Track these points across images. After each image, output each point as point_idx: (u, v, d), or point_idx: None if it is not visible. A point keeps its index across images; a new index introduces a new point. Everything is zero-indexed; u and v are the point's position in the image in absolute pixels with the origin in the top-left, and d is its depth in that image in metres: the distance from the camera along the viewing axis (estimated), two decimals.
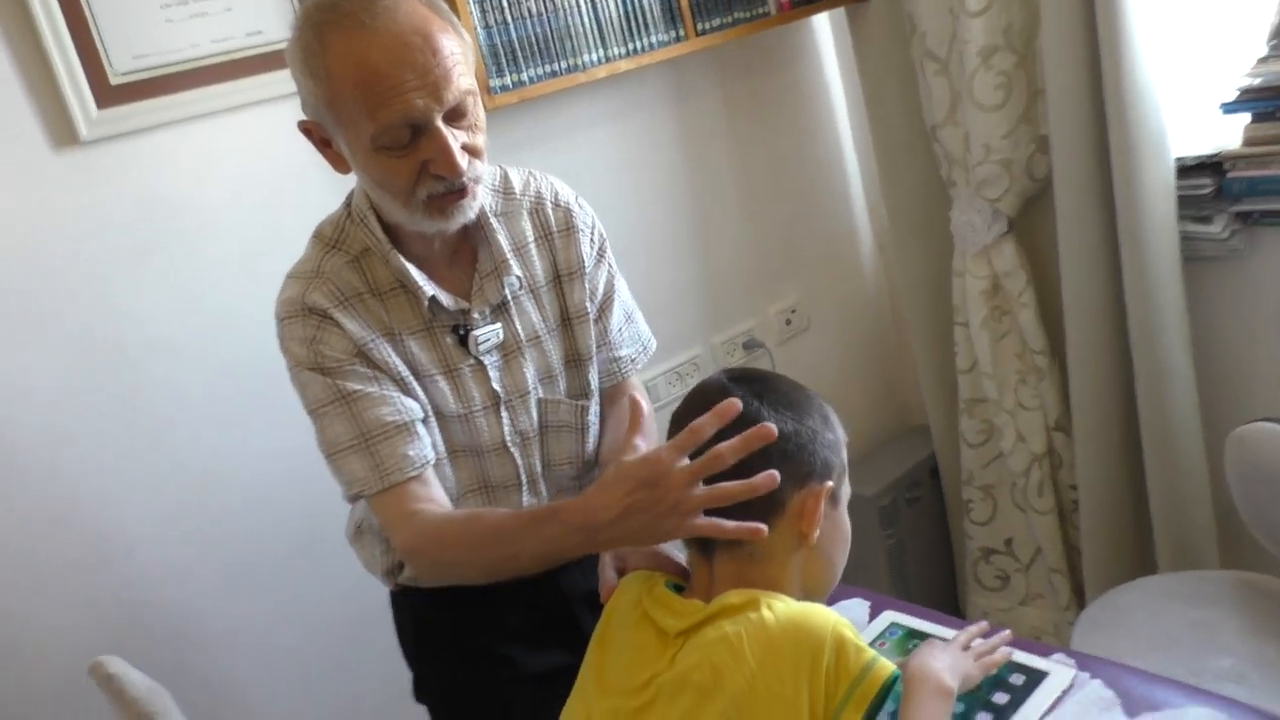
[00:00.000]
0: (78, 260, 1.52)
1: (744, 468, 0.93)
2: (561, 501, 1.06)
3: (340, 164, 1.15)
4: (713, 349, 2.32)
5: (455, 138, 1.08)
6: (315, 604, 1.76)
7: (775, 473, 0.92)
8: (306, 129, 1.14)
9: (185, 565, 1.64)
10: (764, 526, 0.93)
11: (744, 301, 2.37)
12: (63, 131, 1.48)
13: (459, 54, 1.07)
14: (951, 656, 1.04)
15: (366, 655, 1.78)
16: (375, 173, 1.10)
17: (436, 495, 1.17)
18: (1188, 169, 1.86)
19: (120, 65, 1.50)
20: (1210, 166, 1.85)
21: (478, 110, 1.11)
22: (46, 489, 1.52)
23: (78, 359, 1.53)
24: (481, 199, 1.17)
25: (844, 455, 1.04)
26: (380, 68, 1.03)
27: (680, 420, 1.01)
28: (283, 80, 1.62)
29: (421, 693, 1.40)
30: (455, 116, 1.08)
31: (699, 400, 1.00)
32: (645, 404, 1.38)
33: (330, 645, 1.79)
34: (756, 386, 1.00)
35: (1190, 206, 1.88)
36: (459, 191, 1.11)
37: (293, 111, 1.64)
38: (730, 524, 0.93)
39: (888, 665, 0.91)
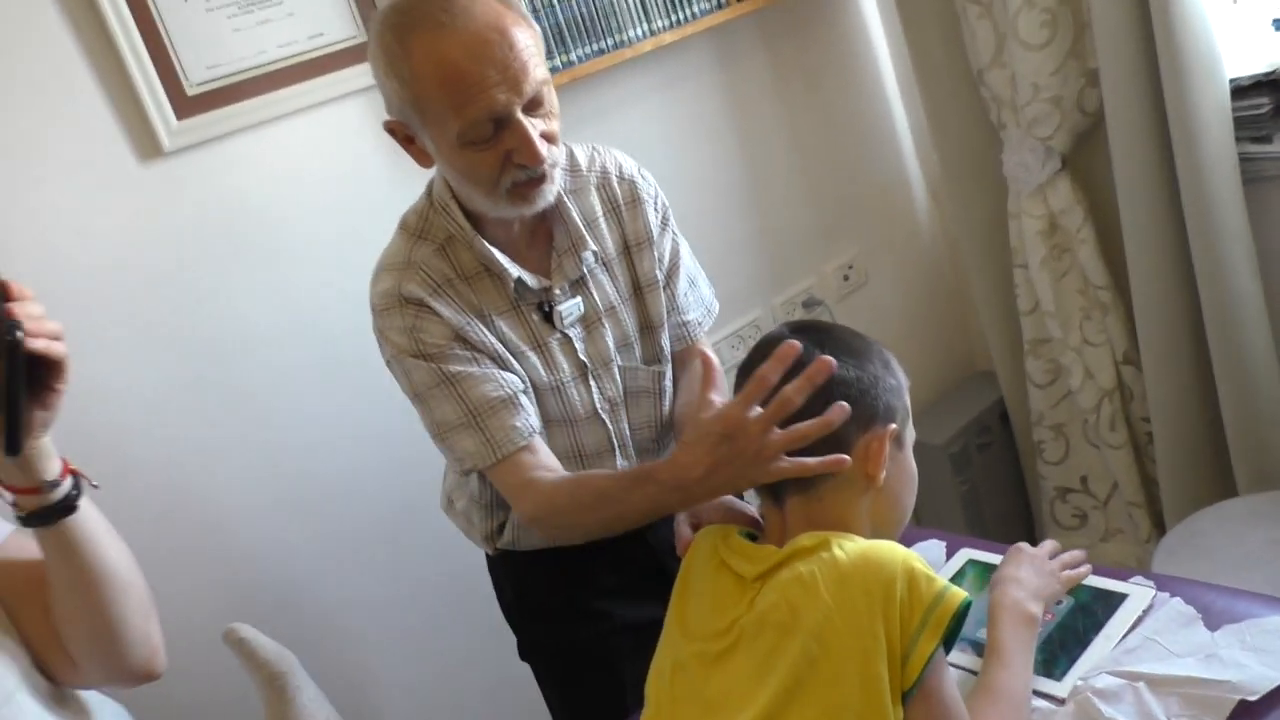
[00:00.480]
0: (171, 266, 1.60)
1: (812, 408, 0.97)
2: (654, 463, 1.12)
3: (424, 159, 1.21)
4: (773, 310, 2.36)
5: (534, 127, 1.13)
6: (416, 573, 1.84)
7: (845, 404, 0.96)
8: (391, 128, 1.20)
9: (291, 544, 1.73)
10: (846, 457, 0.97)
11: (801, 261, 2.40)
12: (147, 144, 1.57)
13: (532, 46, 1.12)
14: (1036, 577, 1.07)
15: (470, 617, 1.86)
16: (461, 166, 1.15)
17: (547, 461, 1.23)
18: (1243, 89, 1.84)
19: (195, 76, 1.58)
20: (1267, 84, 1.83)
21: (552, 97, 1.16)
22: (157, 485, 1.61)
23: (178, 360, 1.62)
24: (558, 182, 1.21)
25: (906, 400, 1.07)
26: (462, 66, 1.08)
27: (746, 371, 1.06)
28: (347, 78, 1.70)
29: (526, 651, 1.47)
30: (533, 106, 1.13)
31: (763, 351, 1.04)
32: (716, 362, 1.44)
33: (431, 612, 1.88)
34: (817, 336, 1.04)
35: (1248, 127, 1.86)
36: (539, 177, 1.16)
37: (358, 107, 1.74)
38: (814, 460, 0.97)
39: (959, 593, 0.93)
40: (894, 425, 1.03)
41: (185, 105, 1.58)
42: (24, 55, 1.47)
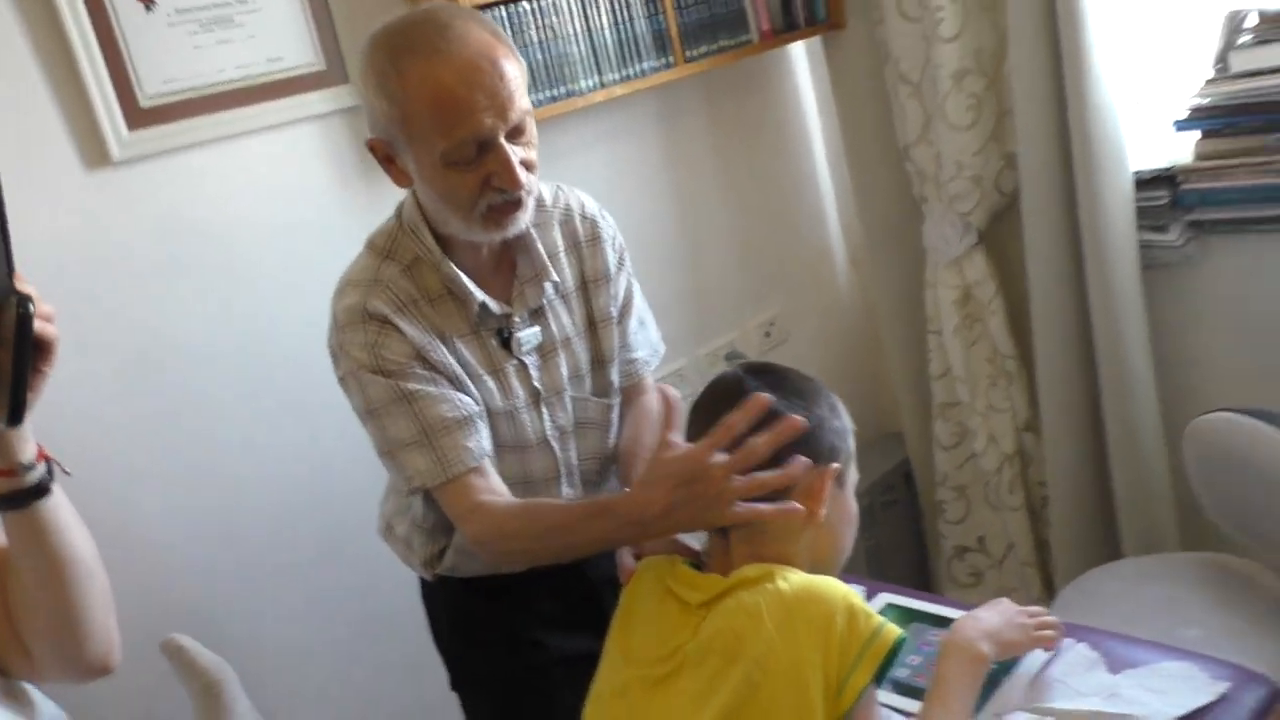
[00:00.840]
0: (110, 276, 1.58)
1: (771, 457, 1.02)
2: (611, 496, 1.15)
3: (402, 179, 1.24)
4: (696, 360, 2.42)
5: (515, 153, 1.17)
6: (342, 601, 1.82)
7: (805, 459, 1.02)
8: (373, 146, 1.23)
9: (218, 566, 1.70)
10: (800, 506, 1.02)
11: (726, 315, 2.48)
12: (95, 152, 1.55)
13: (519, 77, 1.18)
14: (998, 619, 1.12)
15: (393, 649, 1.84)
16: (441, 186, 1.19)
17: (496, 486, 1.25)
18: (1145, 182, 2.01)
19: (150, 89, 1.58)
20: (1165, 179, 2.00)
21: (533, 128, 1.21)
22: (78, 497, 1.57)
23: (113, 373, 1.59)
24: (531, 210, 1.26)
25: (850, 443, 1.13)
26: (455, 90, 1.12)
27: (700, 409, 1.10)
28: (303, 104, 1.72)
29: (458, 681, 1.48)
30: (515, 134, 1.18)
31: (719, 392, 1.09)
32: (678, 401, 1.49)
33: (352, 642, 1.85)
34: (770, 379, 1.09)
35: (1148, 217, 2.02)
36: (515, 203, 1.20)
37: (312, 133, 1.76)
38: (768, 507, 1.02)
39: (895, 630, 0.98)
40: (837, 465, 1.08)
41: (138, 116, 1.57)
42: None
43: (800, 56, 2.55)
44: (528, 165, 1.20)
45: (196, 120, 1.62)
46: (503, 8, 1.82)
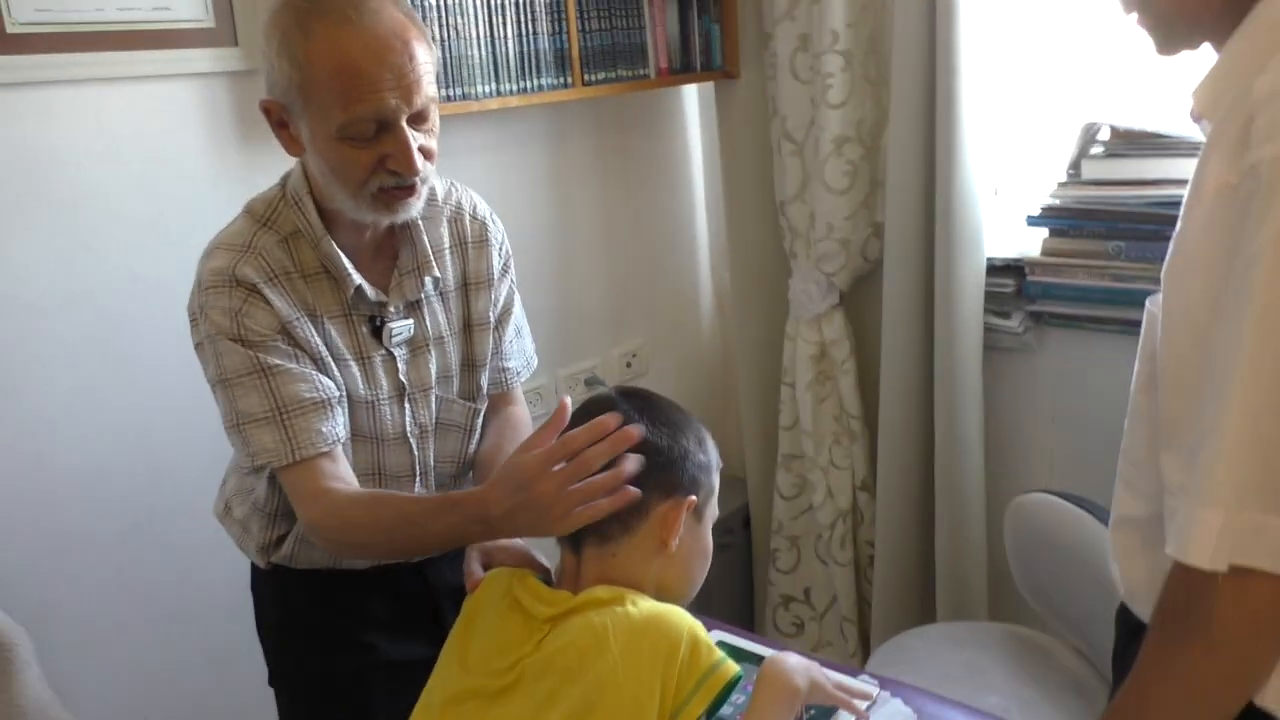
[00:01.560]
0: None
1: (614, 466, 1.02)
2: (460, 492, 1.13)
3: (294, 146, 1.19)
4: (557, 380, 2.42)
5: (415, 139, 1.15)
6: (157, 579, 1.72)
7: (639, 456, 1.02)
8: (267, 108, 1.18)
9: (21, 528, 1.58)
10: (636, 490, 1.01)
11: (590, 339, 2.49)
12: None
13: (429, 63, 1.15)
14: (810, 664, 1.13)
15: (208, 637, 1.74)
16: (333, 159, 1.15)
17: (344, 474, 1.21)
18: (996, 268, 2.13)
19: (20, 15, 1.48)
20: (1014, 269, 2.14)
21: (436, 118, 1.19)
22: None
23: None
24: (424, 199, 1.23)
25: (714, 479, 1.13)
26: (360, 63, 1.09)
27: (570, 428, 1.10)
28: (183, 59, 1.65)
29: (276, 676, 1.41)
30: (418, 120, 1.15)
31: (589, 411, 1.09)
32: (526, 415, 1.47)
33: (164, 627, 1.75)
34: (640, 403, 1.10)
35: (994, 301, 2.15)
36: (408, 188, 1.18)
37: (188, 92, 1.68)
38: (605, 500, 1.01)
39: (733, 666, 0.99)
40: (694, 497, 1.08)
41: (2, 41, 1.46)
42: None
43: (693, 98, 2.61)
44: (426, 153, 1.18)
45: (66, 56, 1.53)
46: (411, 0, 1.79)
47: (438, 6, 1.84)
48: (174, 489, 1.59)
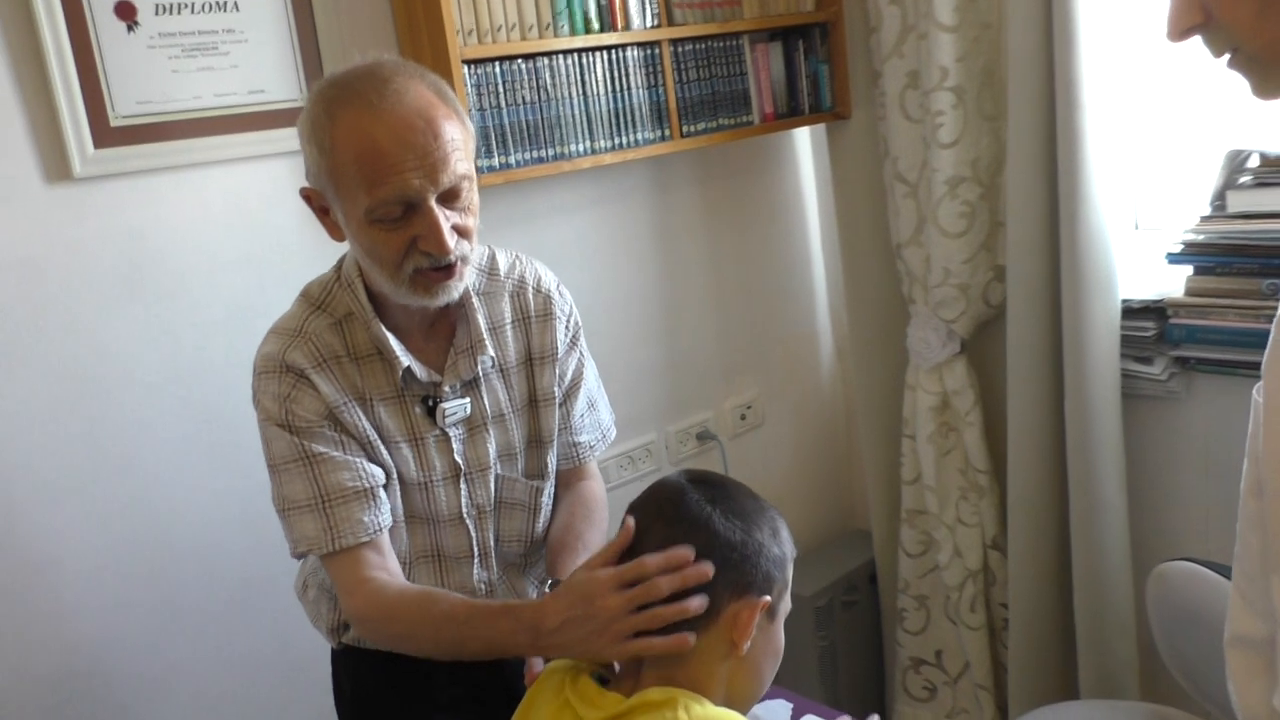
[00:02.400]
0: (56, 290, 1.54)
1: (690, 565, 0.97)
2: (518, 600, 1.10)
3: (335, 231, 1.20)
4: (667, 437, 2.37)
5: (447, 217, 1.13)
6: (253, 654, 1.75)
7: (703, 597, 0.98)
8: (307, 195, 1.20)
9: (125, 600, 1.63)
10: (690, 636, 0.98)
11: (702, 393, 2.43)
12: (57, 166, 1.52)
13: (459, 140, 1.13)
14: None
15: (303, 710, 1.77)
16: (366, 243, 1.15)
17: (389, 563, 1.20)
18: (1133, 311, 1.96)
19: (122, 108, 1.55)
20: (1154, 311, 1.95)
21: (473, 194, 1.17)
22: None
23: (48, 388, 1.54)
24: (468, 279, 1.21)
25: (789, 572, 1.06)
26: (382, 145, 1.09)
27: (635, 512, 1.05)
28: (279, 138, 1.69)
29: None
30: (449, 198, 1.14)
31: (655, 497, 1.05)
32: (600, 491, 1.43)
33: (265, 698, 1.78)
34: (713, 491, 1.04)
35: (1133, 346, 1.97)
36: (446, 269, 1.16)
37: (284, 170, 1.72)
38: (659, 639, 0.98)
39: None
40: (768, 597, 1.02)
41: (106, 135, 1.54)
42: None
43: (802, 141, 2.53)
44: (461, 231, 1.16)
45: (168, 144, 1.59)
46: (496, 64, 1.79)
47: (526, 70, 1.83)
48: (273, 563, 1.62)
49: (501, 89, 1.81)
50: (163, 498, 1.65)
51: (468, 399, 1.28)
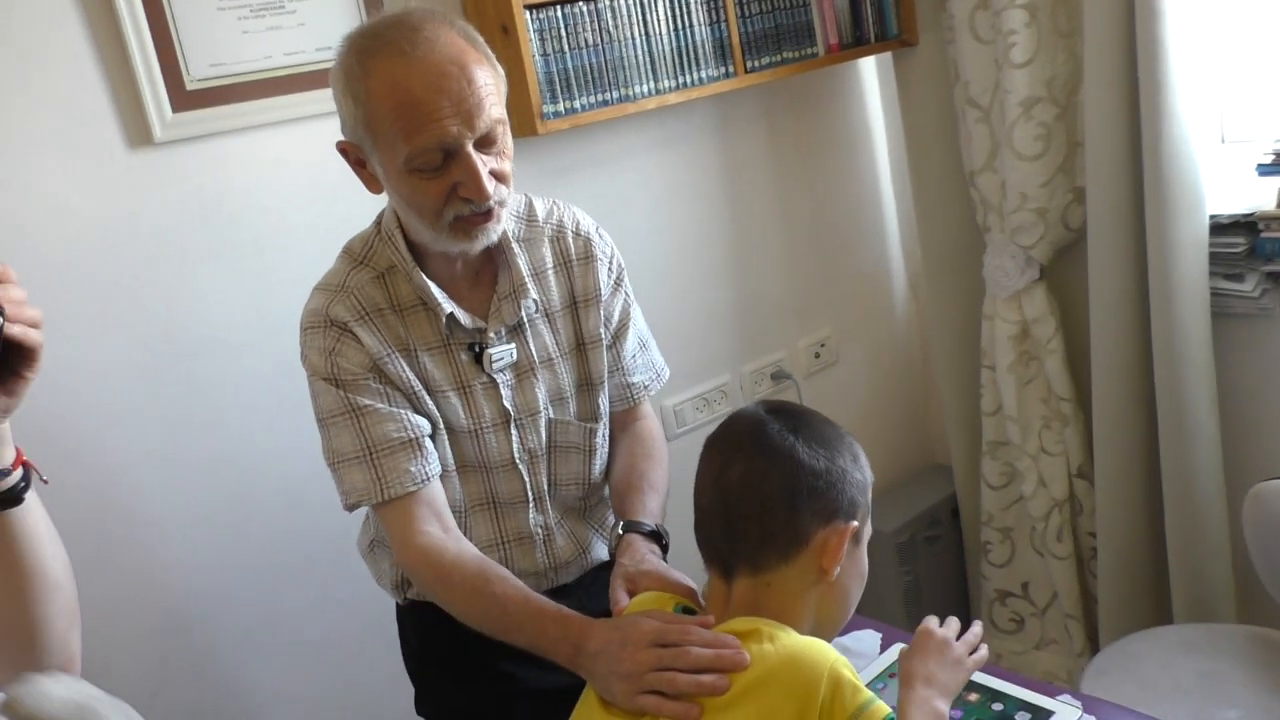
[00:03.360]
0: (143, 254, 1.58)
1: (776, 497, 0.98)
2: (572, 612, 1.11)
3: (373, 184, 1.21)
4: (741, 378, 2.37)
5: (484, 163, 1.13)
6: (342, 602, 1.80)
7: (723, 677, 0.95)
8: (343, 149, 1.20)
9: (214, 557, 1.69)
10: (695, 708, 0.95)
11: (775, 333, 2.42)
12: (139, 132, 1.55)
13: (492, 85, 1.13)
14: (943, 672, 1.04)
15: (378, 662, 1.82)
16: (406, 193, 1.15)
17: (441, 511, 1.22)
18: (1222, 227, 1.89)
19: (197, 71, 1.58)
20: (1244, 225, 1.88)
21: (507, 139, 1.17)
22: (88, 468, 1.57)
23: (136, 349, 1.59)
24: (505, 223, 1.22)
25: (869, 496, 1.06)
26: (418, 94, 1.09)
27: (715, 445, 1.05)
28: None
29: (422, 705, 1.44)
30: (485, 143, 1.14)
31: (732, 428, 1.05)
32: (657, 428, 1.43)
33: (347, 649, 1.84)
34: (794, 420, 1.03)
35: (1222, 264, 1.91)
36: (485, 214, 1.16)
37: None
38: (668, 703, 0.96)
39: (883, 707, 0.92)
40: (855, 522, 1.02)
41: (183, 99, 1.57)
42: (26, 28, 1.46)
43: (869, 71, 2.47)
44: (499, 176, 1.16)
45: (241, 105, 1.62)
46: (558, 8, 1.78)
47: (588, 12, 1.82)
48: (355, 516, 1.66)
49: (564, 32, 1.80)
50: (251, 455, 1.70)
51: (513, 345, 1.28)
